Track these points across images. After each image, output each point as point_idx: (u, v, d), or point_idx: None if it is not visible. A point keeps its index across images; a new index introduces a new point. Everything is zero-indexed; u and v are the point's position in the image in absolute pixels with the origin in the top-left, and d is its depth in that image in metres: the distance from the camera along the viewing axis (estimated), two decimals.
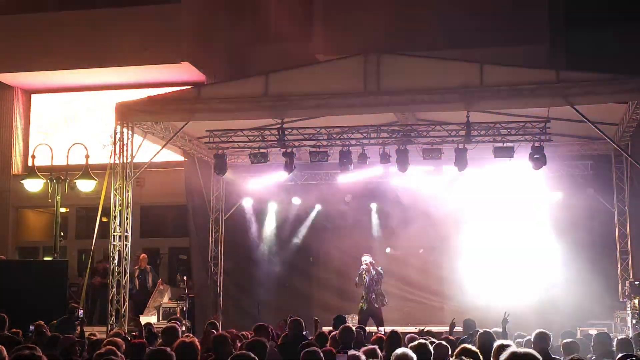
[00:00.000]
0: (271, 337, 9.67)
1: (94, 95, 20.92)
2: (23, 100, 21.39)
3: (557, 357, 8.23)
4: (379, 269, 16.12)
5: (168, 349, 5.80)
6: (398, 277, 18.48)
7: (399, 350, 6.29)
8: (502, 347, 6.11)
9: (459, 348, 6.78)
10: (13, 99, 21.16)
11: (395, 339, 8.49)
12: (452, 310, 17.95)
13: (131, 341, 8.67)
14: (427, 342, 7.33)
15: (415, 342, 7.14)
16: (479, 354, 6.73)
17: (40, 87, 21.20)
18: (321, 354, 6.89)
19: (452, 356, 7.18)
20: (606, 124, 13.97)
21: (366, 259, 16.21)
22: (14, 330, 9.86)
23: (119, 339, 8.15)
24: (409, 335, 9.24)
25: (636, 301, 14.80)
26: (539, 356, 4.43)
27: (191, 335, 10.40)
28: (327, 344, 8.97)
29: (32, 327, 10.64)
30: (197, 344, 6.62)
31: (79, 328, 11.24)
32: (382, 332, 11.58)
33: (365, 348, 7.30)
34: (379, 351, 7.26)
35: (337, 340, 8.89)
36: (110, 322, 13.81)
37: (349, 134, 15.14)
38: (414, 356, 6.18)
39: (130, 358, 7.72)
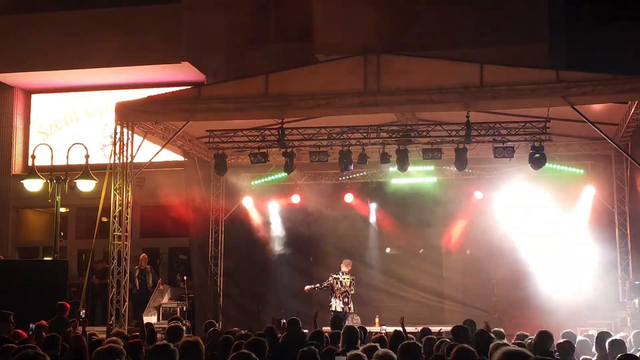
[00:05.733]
0: None
1: (94, 95, 20.90)
2: (23, 100, 21.38)
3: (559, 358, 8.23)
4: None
5: (171, 345, 5.77)
6: (398, 277, 18.49)
7: (381, 350, 6.30)
8: (497, 347, 6.14)
9: (456, 347, 6.78)
10: (13, 99, 21.14)
11: (398, 340, 8.48)
12: (453, 310, 18.01)
13: (128, 340, 8.66)
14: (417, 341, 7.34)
15: (405, 342, 7.14)
16: (476, 353, 6.73)
17: (40, 87, 21.19)
18: (318, 354, 6.88)
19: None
20: (606, 124, 13.97)
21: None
22: (16, 330, 9.86)
23: (119, 339, 8.14)
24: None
25: (636, 301, 14.80)
26: (530, 354, 4.49)
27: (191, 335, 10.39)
28: (329, 344, 8.98)
29: (32, 326, 10.64)
30: (201, 342, 6.61)
31: (80, 328, 11.21)
32: (384, 332, 11.61)
33: (364, 346, 7.30)
34: (379, 348, 7.23)
35: (343, 340, 8.88)
36: (110, 322, 13.82)
37: (349, 133, 15.15)
38: (395, 357, 6.19)
39: (127, 357, 7.70)
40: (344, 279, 16.45)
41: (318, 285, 16.67)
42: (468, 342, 7.73)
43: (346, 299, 16.30)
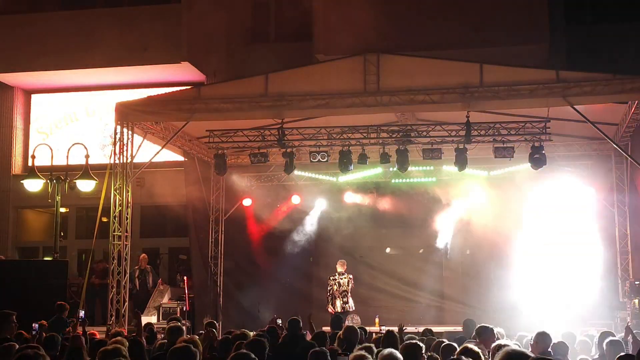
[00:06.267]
0: None
1: (94, 95, 20.89)
2: (23, 100, 21.37)
3: (559, 357, 8.23)
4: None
5: (192, 346, 5.76)
6: (398, 277, 18.49)
7: (386, 351, 6.32)
8: (499, 347, 6.17)
9: (461, 347, 6.79)
10: (13, 99, 21.13)
11: (391, 339, 8.51)
12: (452, 310, 18.01)
13: (128, 338, 8.67)
14: (419, 342, 7.35)
15: (407, 342, 7.16)
16: (480, 353, 6.74)
17: (40, 87, 21.18)
18: (329, 355, 6.89)
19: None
20: (606, 124, 13.98)
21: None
22: (20, 331, 9.86)
23: (123, 339, 8.15)
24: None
25: (636, 301, 14.81)
26: (531, 354, 4.51)
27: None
28: (328, 344, 8.98)
29: (35, 326, 10.64)
30: (199, 342, 6.61)
31: (81, 329, 11.21)
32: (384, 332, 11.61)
33: (361, 346, 7.32)
34: (374, 349, 7.25)
35: (342, 340, 8.89)
36: (110, 322, 13.82)
37: (349, 134, 15.15)
38: (401, 357, 6.20)
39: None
40: (341, 278, 16.48)
41: (328, 297, 16.70)
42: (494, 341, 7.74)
43: (345, 298, 16.33)
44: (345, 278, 16.47)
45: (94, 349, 7.96)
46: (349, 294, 16.41)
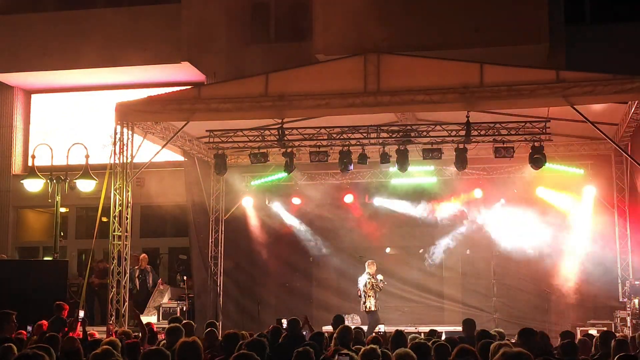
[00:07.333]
0: None
1: (94, 95, 20.89)
2: (23, 100, 21.38)
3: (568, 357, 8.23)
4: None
5: (164, 349, 5.75)
6: (398, 277, 18.48)
7: (401, 350, 6.33)
8: (499, 347, 6.18)
9: (457, 347, 6.79)
10: (13, 99, 21.14)
11: (399, 339, 8.51)
12: (452, 310, 18.02)
13: (125, 341, 8.65)
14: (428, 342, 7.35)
15: (415, 341, 7.17)
16: (478, 353, 6.74)
17: (40, 87, 21.19)
18: (313, 354, 6.89)
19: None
20: (606, 124, 13.97)
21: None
22: (20, 331, 9.86)
23: (117, 339, 8.14)
24: (411, 336, 9.31)
25: (636, 301, 14.81)
26: (529, 354, 4.52)
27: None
28: (325, 344, 8.99)
29: (29, 328, 10.65)
30: (200, 343, 6.60)
31: (81, 328, 11.22)
32: (381, 332, 11.59)
33: (365, 348, 7.30)
34: (379, 351, 7.24)
35: (336, 340, 8.89)
36: (110, 322, 13.81)
37: (349, 133, 15.14)
38: (415, 356, 6.21)
39: (126, 357, 7.71)
40: (361, 279, 16.51)
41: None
42: (534, 345, 7.73)
43: (363, 299, 16.34)
44: (364, 278, 16.47)
45: (92, 348, 7.96)
46: (367, 295, 16.35)
